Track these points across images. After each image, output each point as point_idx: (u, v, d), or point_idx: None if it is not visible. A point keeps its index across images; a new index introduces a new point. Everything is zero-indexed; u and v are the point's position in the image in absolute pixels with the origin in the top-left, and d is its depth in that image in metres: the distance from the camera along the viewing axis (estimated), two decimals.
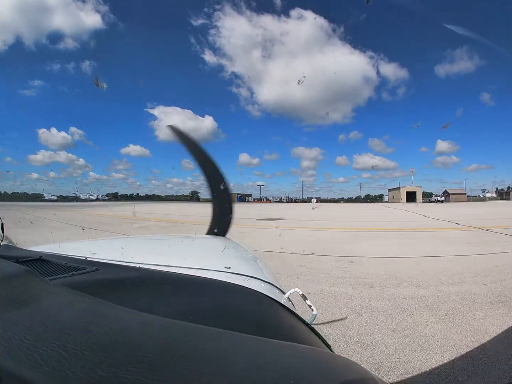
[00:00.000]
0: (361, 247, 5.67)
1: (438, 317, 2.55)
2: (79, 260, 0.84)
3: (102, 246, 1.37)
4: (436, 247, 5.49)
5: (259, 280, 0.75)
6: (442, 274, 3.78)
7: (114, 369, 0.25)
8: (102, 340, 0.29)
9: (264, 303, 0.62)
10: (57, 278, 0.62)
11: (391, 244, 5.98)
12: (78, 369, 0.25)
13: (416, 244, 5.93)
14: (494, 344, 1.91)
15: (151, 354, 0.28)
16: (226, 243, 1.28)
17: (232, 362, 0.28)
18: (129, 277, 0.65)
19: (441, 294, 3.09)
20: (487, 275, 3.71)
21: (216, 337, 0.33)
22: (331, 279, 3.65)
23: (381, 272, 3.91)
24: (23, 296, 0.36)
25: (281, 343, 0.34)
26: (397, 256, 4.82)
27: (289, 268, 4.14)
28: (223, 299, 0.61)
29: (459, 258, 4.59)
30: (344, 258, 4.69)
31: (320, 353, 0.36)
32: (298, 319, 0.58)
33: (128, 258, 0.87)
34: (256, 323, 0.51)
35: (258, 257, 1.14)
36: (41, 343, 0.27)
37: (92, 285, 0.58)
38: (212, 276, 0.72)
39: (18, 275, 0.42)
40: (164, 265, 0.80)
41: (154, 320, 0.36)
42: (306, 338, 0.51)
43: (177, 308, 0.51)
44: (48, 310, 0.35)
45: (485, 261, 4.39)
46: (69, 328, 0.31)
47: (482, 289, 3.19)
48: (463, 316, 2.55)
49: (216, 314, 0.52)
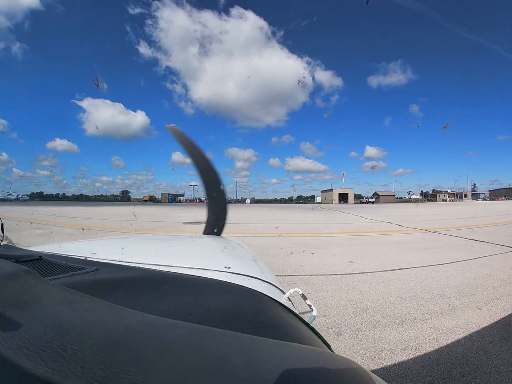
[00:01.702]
0: (309, 259, 4.47)
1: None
2: (79, 260, 0.85)
3: (102, 246, 1.37)
4: (395, 256, 4.67)
5: (259, 280, 0.76)
6: (420, 296, 2.89)
7: (114, 369, 0.26)
8: (102, 340, 0.30)
9: (264, 303, 0.62)
10: (57, 278, 0.62)
11: (343, 252, 4.95)
12: (78, 369, 0.25)
13: (370, 252, 5.05)
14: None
15: (151, 354, 0.28)
16: (226, 243, 1.31)
17: (232, 362, 0.29)
18: (129, 277, 0.66)
19: (439, 336, 2.11)
20: (473, 293, 2.96)
21: (216, 337, 0.34)
22: None
23: (344, 302, 2.76)
24: (23, 296, 0.36)
25: (281, 343, 0.35)
26: (355, 272, 3.78)
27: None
28: (223, 299, 0.61)
29: (428, 270, 3.85)
30: (292, 278, 3.39)
31: (320, 353, 0.35)
32: (298, 319, 0.59)
33: (128, 258, 0.88)
34: (256, 323, 0.51)
35: (258, 257, 1.14)
36: (41, 343, 0.28)
37: (92, 285, 0.58)
38: (212, 276, 0.73)
39: (18, 275, 0.41)
40: (164, 265, 0.81)
41: (154, 320, 0.36)
42: (306, 338, 0.50)
43: (177, 308, 0.52)
44: (48, 310, 0.35)
45: (457, 272, 3.73)
46: (69, 328, 0.31)
47: (481, 317, 2.41)
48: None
49: (216, 314, 0.52)
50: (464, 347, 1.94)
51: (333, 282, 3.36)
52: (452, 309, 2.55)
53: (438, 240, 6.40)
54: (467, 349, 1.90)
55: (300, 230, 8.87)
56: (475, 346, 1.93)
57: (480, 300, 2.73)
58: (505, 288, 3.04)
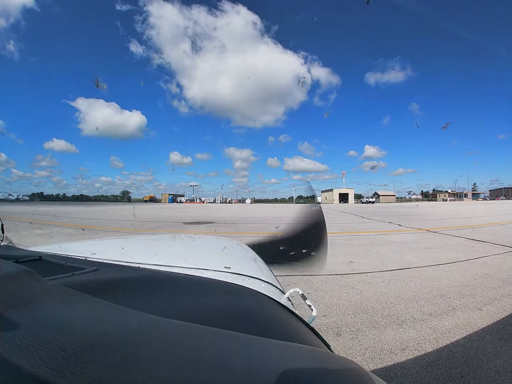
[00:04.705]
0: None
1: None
2: (78, 260, 0.84)
3: (102, 246, 1.37)
4: (395, 256, 4.64)
5: (258, 280, 0.76)
6: (420, 296, 2.88)
7: (113, 369, 0.26)
8: (102, 340, 0.30)
9: (264, 303, 0.62)
10: (56, 278, 0.62)
11: (344, 253, 4.93)
12: (77, 369, 0.25)
13: (372, 252, 5.03)
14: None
15: (151, 354, 0.28)
16: (226, 243, 1.33)
17: (231, 362, 0.29)
18: (129, 277, 0.66)
19: (438, 336, 2.10)
20: (473, 293, 2.95)
21: (216, 337, 0.34)
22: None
23: (344, 302, 2.76)
24: (23, 296, 0.36)
25: (280, 343, 0.35)
26: (356, 272, 3.71)
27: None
28: (223, 299, 0.61)
29: (427, 270, 3.82)
30: (291, 279, 3.39)
31: (320, 353, 0.36)
32: (298, 319, 0.59)
33: (128, 258, 0.89)
34: (255, 323, 0.52)
35: (258, 257, 1.15)
36: (41, 343, 0.28)
37: (92, 285, 0.58)
38: (212, 276, 0.73)
39: (17, 275, 0.41)
40: (164, 265, 0.81)
41: (154, 320, 0.36)
42: (305, 338, 0.51)
43: (177, 308, 0.52)
44: (47, 310, 0.35)
45: (457, 272, 3.73)
46: (69, 329, 0.31)
47: (481, 318, 2.39)
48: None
49: (216, 314, 0.52)
50: (463, 347, 1.93)
51: (333, 282, 3.36)
52: (452, 309, 2.55)
53: (436, 240, 6.37)
54: (467, 350, 1.90)
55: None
56: (474, 347, 1.93)
57: (480, 301, 2.73)
58: (505, 289, 3.03)
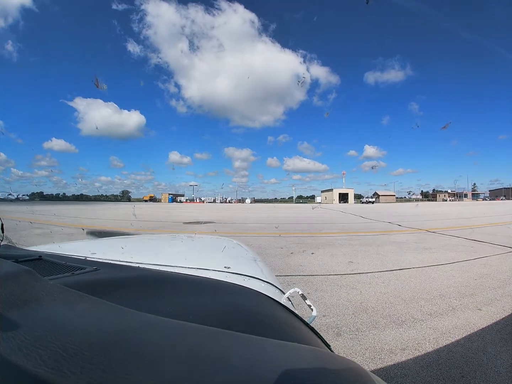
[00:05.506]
0: (311, 259, 4.44)
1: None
2: (78, 260, 0.84)
3: (102, 246, 1.38)
4: (394, 256, 4.64)
5: (258, 280, 0.77)
6: (420, 297, 2.88)
7: (114, 369, 0.26)
8: (102, 340, 0.30)
9: (264, 303, 0.62)
10: (56, 278, 0.62)
11: (344, 253, 4.93)
12: (78, 369, 0.25)
13: (371, 252, 5.03)
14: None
15: (151, 354, 0.28)
16: (226, 243, 1.32)
17: (231, 362, 0.29)
18: (129, 277, 0.66)
19: (438, 336, 2.09)
20: (473, 293, 2.96)
21: (216, 337, 0.34)
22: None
23: (344, 302, 2.75)
24: (23, 296, 0.36)
25: (280, 343, 0.35)
26: (356, 272, 3.71)
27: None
28: (223, 299, 0.61)
29: (427, 270, 3.82)
30: (291, 278, 3.39)
31: (320, 353, 0.35)
32: (298, 319, 0.59)
33: (128, 258, 0.89)
34: (255, 323, 0.52)
35: (258, 257, 1.15)
36: (41, 343, 0.28)
37: (92, 285, 0.58)
38: (212, 276, 0.73)
39: (17, 275, 0.41)
40: (164, 265, 0.81)
41: (154, 320, 0.37)
42: (305, 338, 0.51)
43: (177, 308, 0.52)
44: (47, 310, 0.35)
45: (457, 272, 3.72)
46: (69, 328, 0.31)
47: (481, 318, 2.39)
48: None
49: (216, 314, 0.52)
50: (463, 347, 1.93)
51: (333, 282, 3.35)
52: (452, 309, 2.55)
53: (436, 240, 6.37)
54: (467, 350, 1.90)
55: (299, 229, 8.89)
56: (474, 347, 1.93)
57: (479, 301, 2.73)
58: (505, 289, 3.03)
